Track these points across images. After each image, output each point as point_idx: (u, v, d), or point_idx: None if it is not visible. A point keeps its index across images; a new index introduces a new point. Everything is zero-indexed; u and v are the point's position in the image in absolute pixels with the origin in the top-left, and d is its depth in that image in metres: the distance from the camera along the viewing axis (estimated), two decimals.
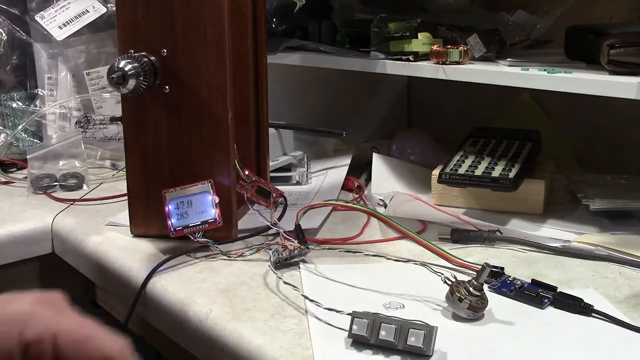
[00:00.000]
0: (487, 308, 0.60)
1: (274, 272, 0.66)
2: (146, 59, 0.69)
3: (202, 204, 0.72)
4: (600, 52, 0.74)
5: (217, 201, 0.72)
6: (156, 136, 0.74)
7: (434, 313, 0.60)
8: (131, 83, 0.67)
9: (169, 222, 0.72)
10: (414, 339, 0.45)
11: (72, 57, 1.11)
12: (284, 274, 0.68)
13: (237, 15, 0.77)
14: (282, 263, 0.70)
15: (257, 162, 0.86)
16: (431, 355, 0.45)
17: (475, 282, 0.59)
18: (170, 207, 0.72)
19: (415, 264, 0.70)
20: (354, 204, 0.85)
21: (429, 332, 0.45)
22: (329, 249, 0.74)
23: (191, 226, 0.72)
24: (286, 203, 0.75)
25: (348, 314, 0.53)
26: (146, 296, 0.68)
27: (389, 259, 0.70)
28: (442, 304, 0.61)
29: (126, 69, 0.66)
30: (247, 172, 0.74)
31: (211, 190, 0.72)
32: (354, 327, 0.47)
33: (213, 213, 0.72)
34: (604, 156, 1.08)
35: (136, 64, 0.67)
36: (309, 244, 0.71)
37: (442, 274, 0.62)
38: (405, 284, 0.65)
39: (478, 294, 0.59)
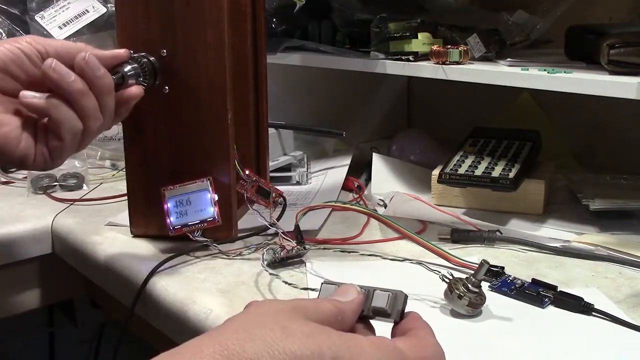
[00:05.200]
0: (487, 307, 0.60)
1: (267, 271, 0.67)
2: (146, 60, 0.69)
3: (201, 202, 0.72)
4: (600, 52, 0.74)
5: (216, 199, 0.72)
6: (156, 136, 0.74)
7: (433, 310, 0.60)
8: (131, 84, 0.67)
9: (168, 221, 0.72)
10: (378, 301, 0.44)
11: None
12: (284, 274, 0.68)
13: (237, 15, 0.77)
14: (279, 263, 0.70)
15: (257, 162, 0.86)
16: (397, 321, 0.44)
17: (473, 279, 0.59)
18: (169, 205, 0.72)
19: (412, 262, 0.70)
20: (353, 204, 0.85)
21: (395, 295, 0.44)
22: (324, 248, 0.74)
23: (190, 225, 0.72)
24: (285, 203, 0.75)
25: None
26: (146, 296, 0.68)
27: (384, 258, 0.70)
28: (440, 301, 0.61)
29: (125, 69, 0.66)
30: (247, 172, 0.74)
31: (210, 188, 0.72)
32: (321, 293, 0.46)
33: (212, 212, 0.72)
34: (604, 156, 1.08)
35: (136, 65, 0.67)
36: (306, 244, 0.71)
37: (440, 272, 0.62)
38: (403, 282, 0.65)
39: (477, 290, 0.59)
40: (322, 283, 0.46)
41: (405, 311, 0.44)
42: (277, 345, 0.34)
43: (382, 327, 0.44)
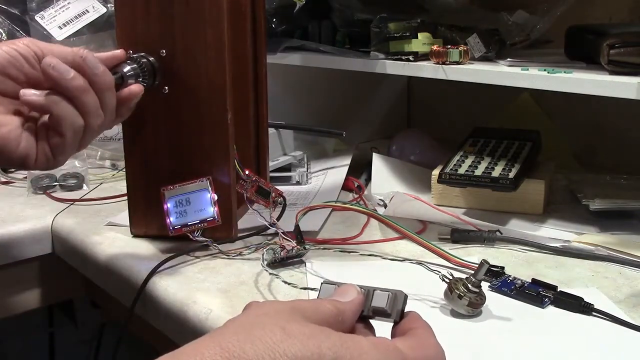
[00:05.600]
0: (487, 307, 0.60)
1: (267, 271, 0.67)
2: (145, 60, 0.69)
3: (201, 202, 0.72)
4: (600, 52, 0.74)
5: (215, 199, 0.72)
6: (156, 136, 0.74)
7: (433, 310, 0.60)
8: (130, 84, 0.67)
9: (168, 221, 0.72)
10: (378, 301, 0.44)
11: None
12: (284, 274, 0.68)
13: (237, 15, 0.77)
14: (279, 263, 0.70)
15: (257, 162, 0.86)
16: (397, 321, 0.44)
17: (473, 279, 0.59)
18: (169, 205, 0.72)
19: (412, 262, 0.70)
20: (353, 204, 0.85)
21: (395, 295, 0.44)
22: (324, 248, 0.74)
23: (190, 224, 0.72)
24: (285, 203, 0.75)
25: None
26: (146, 296, 0.68)
27: (384, 258, 0.70)
28: (440, 301, 0.61)
29: (125, 70, 0.66)
30: (247, 172, 0.74)
31: (209, 188, 0.72)
32: (321, 293, 0.46)
33: (212, 211, 0.72)
34: (604, 156, 1.08)
35: (135, 65, 0.67)
36: (306, 244, 0.71)
37: (440, 272, 0.62)
38: (403, 282, 0.65)
39: (477, 290, 0.59)
40: (321, 283, 0.46)
41: (405, 311, 0.44)
42: (278, 347, 0.34)
43: (382, 327, 0.44)
